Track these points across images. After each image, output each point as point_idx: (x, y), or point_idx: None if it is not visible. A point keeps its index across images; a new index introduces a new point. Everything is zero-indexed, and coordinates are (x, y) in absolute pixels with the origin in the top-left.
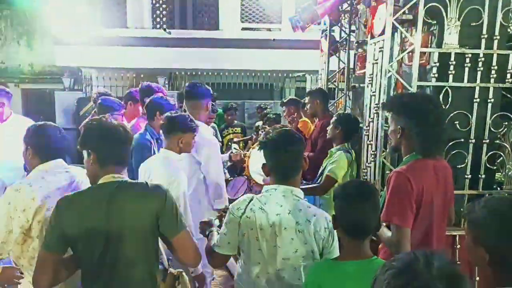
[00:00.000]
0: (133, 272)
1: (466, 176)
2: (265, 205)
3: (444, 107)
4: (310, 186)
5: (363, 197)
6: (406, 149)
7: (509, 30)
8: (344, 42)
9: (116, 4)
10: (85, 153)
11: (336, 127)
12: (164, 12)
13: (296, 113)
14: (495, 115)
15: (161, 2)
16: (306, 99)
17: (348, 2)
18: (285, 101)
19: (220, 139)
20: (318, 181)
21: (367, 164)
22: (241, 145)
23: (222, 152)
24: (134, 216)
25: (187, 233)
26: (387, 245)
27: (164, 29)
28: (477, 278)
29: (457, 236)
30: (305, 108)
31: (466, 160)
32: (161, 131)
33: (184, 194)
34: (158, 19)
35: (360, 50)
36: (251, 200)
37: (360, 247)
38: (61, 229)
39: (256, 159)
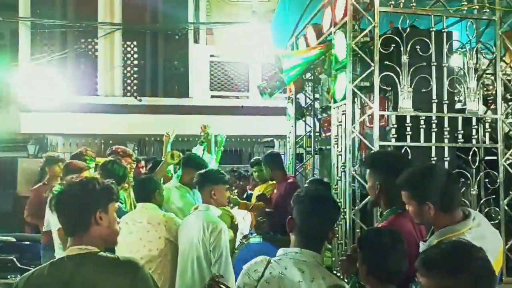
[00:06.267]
0: None
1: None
2: (286, 270)
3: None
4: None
5: (397, 246)
6: (385, 204)
7: (455, 96)
8: (310, 108)
9: (87, 72)
10: None
11: None
12: (135, 81)
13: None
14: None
15: (132, 71)
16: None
17: (311, 72)
18: (253, 161)
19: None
20: None
21: (337, 222)
22: None
23: None
24: None
25: None
26: None
27: (135, 97)
28: None
29: None
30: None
31: None
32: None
33: None
34: (129, 87)
35: (324, 114)
36: (269, 262)
37: None
38: None
39: None
